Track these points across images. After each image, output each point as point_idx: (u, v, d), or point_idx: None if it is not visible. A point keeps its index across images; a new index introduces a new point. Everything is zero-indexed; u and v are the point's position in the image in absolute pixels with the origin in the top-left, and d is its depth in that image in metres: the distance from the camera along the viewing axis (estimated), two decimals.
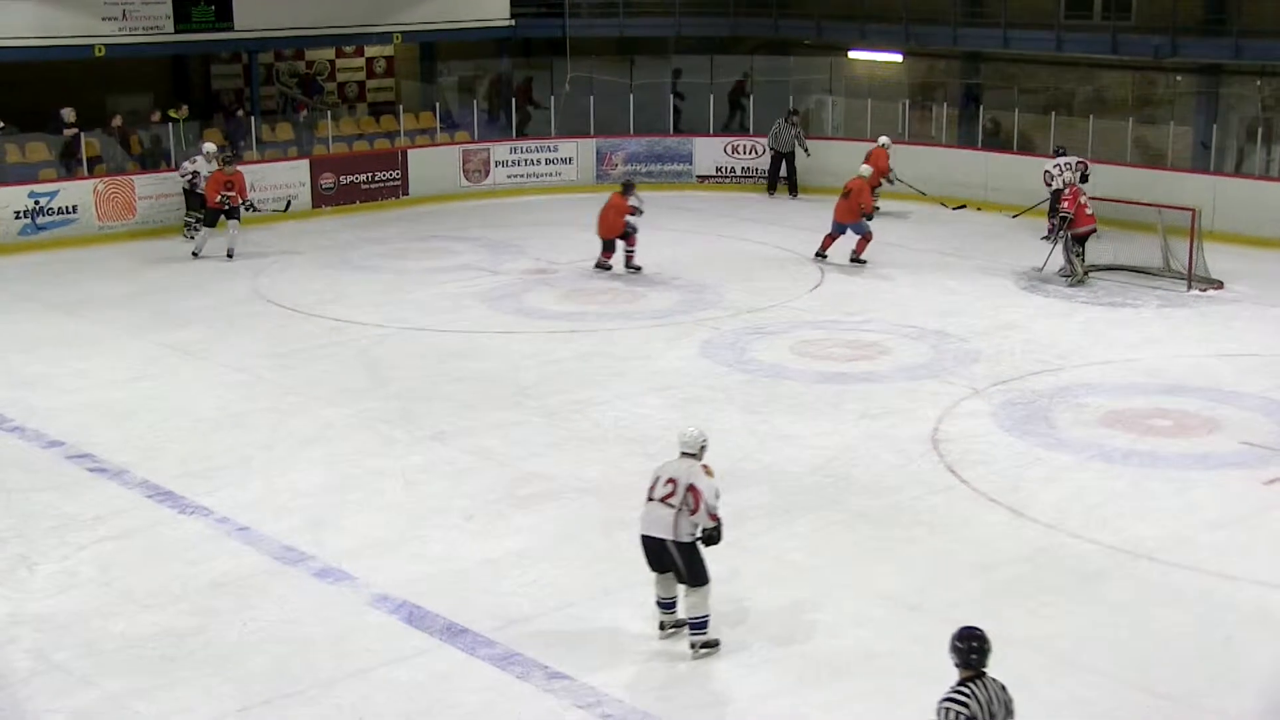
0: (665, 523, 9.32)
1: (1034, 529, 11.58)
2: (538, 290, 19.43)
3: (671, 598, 9.63)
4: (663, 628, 9.72)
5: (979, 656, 6.73)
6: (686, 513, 9.30)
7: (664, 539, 9.34)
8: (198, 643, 9.70)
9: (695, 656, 9.42)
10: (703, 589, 9.38)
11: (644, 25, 30.12)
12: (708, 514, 9.30)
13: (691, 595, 9.43)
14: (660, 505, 9.36)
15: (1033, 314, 18.07)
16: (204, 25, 24.46)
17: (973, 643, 6.74)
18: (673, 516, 9.31)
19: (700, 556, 9.41)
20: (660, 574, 9.56)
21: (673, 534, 9.31)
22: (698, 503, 9.26)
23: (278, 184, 24.05)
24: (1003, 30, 26.13)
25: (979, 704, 6.58)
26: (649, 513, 9.42)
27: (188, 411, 14.50)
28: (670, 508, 9.31)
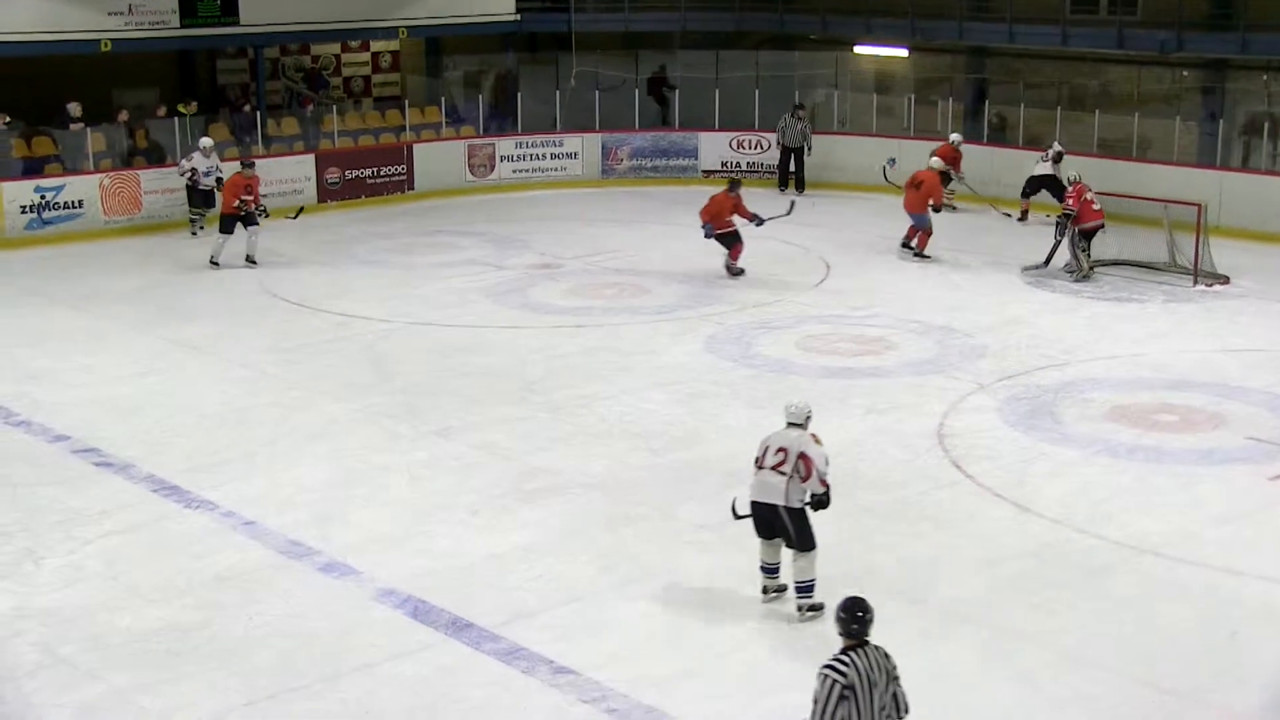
0: (778, 490, 9.73)
1: (1039, 524, 11.58)
2: (543, 285, 19.43)
3: (775, 563, 10.05)
4: (765, 592, 10.12)
5: (860, 626, 6.85)
6: (798, 480, 9.69)
7: (776, 505, 9.75)
8: (203, 637, 9.71)
9: (801, 619, 9.82)
10: (810, 554, 9.80)
11: (649, 20, 30.08)
12: (819, 480, 9.70)
13: (800, 560, 9.83)
14: (772, 473, 9.77)
15: (1038, 309, 18.06)
16: (210, 20, 24.45)
17: (856, 613, 6.87)
18: (784, 484, 9.71)
19: (809, 522, 9.81)
20: (767, 540, 9.98)
21: (784, 500, 9.72)
22: (809, 470, 9.67)
23: (283, 179, 24.05)
24: (1008, 25, 26.08)
25: (858, 672, 6.72)
26: (761, 480, 9.83)
27: (193, 406, 14.51)
28: (782, 475, 9.72)
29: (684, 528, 11.49)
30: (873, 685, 6.75)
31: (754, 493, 9.90)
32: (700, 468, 12.75)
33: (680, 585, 10.41)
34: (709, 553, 11.01)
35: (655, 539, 11.27)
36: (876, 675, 6.79)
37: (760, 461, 9.88)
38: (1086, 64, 26.54)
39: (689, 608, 10.05)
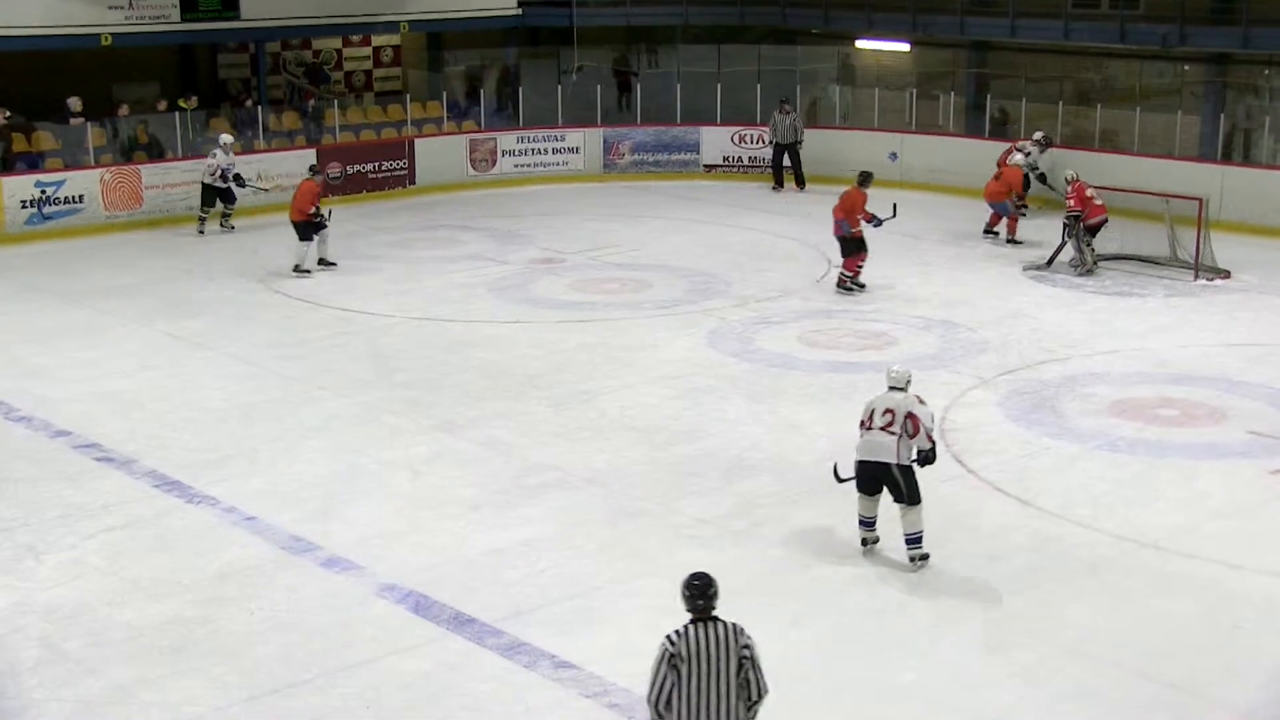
0: (889, 449, 10.44)
1: (1041, 518, 11.58)
2: (545, 280, 19.43)
3: (873, 517, 10.81)
4: (865, 544, 10.87)
5: (701, 601, 6.93)
6: (906, 438, 10.38)
7: (889, 463, 10.46)
8: (205, 632, 9.72)
9: (915, 568, 10.54)
10: (918, 507, 10.53)
11: (651, 14, 30.07)
12: (926, 436, 10.42)
13: (909, 513, 10.56)
14: (882, 433, 10.47)
15: (1040, 303, 18.05)
16: (210, 14, 24.47)
17: (692, 586, 6.97)
18: (895, 443, 10.42)
19: (916, 478, 10.52)
20: (869, 496, 10.71)
21: (895, 458, 10.42)
22: (917, 428, 10.40)
23: (285, 173, 24.02)
24: (1010, 19, 26.07)
25: (689, 644, 6.80)
26: (870, 440, 10.54)
27: (195, 402, 14.52)
28: (892, 435, 10.43)
29: (685, 522, 11.49)
30: (709, 660, 6.80)
31: (862, 453, 10.59)
32: (702, 462, 12.75)
33: (682, 580, 10.39)
34: (710, 547, 11.01)
35: (657, 533, 11.28)
36: (716, 651, 6.82)
37: (868, 423, 10.55)
38: (1088, 58, 26.52)
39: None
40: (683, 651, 6.81)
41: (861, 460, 10.64)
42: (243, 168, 23.03)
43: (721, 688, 6.80)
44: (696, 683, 6.79)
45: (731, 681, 6.82)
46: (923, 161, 25.70)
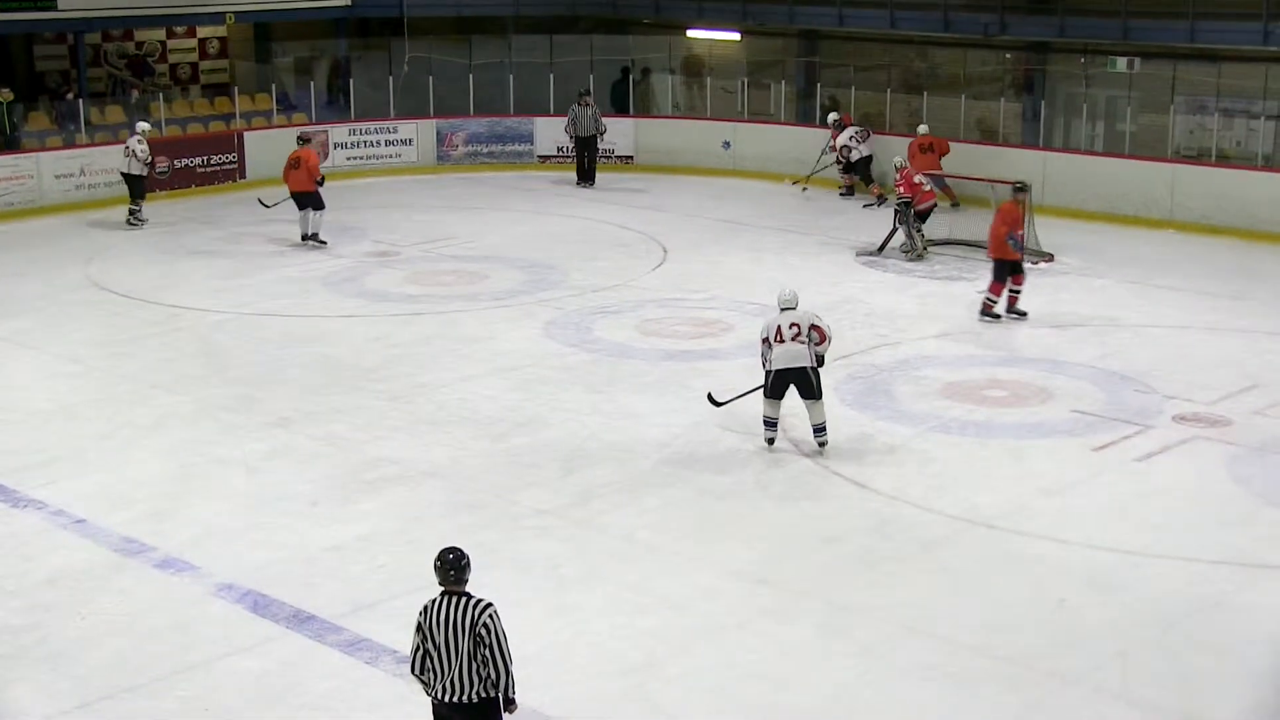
0: (804, 355, 12.37)
1: (877, 500, 11.81)
2: (380, 273, 19.24)
3: (777, 419, 12.65)
4: (771, 442, 12.72)
5: (443, 575, 7.22)
6: (813, 344, 12.36)
7: (805, 366, 12.34)
8: (33, 639, 9.46)
9: (822, 451, 12.61)
10: (822, 401, 12.55)
11: (482, 4, 29.92)
12: (828, 342, 12.56)
13: (816, 407, 12.58)
14: (794, 344, 12.34)
15: (871, 288, 18.38)
16: (24, 5, 23.68)
17: (442, 561, 7.25)
18: (808, 349, 12.37)
19: (819, 376, 12.49)
20: (777, 400, 12.55)
21: (810, 361, 12.35)
22: (823, 336, 12.48)
23: (109, 168, 23.42)
24: (838, 8, 26.45)
25: (433, 616, 7.15)
26: (788, 350, 12.34)
27: (19, 403, 14.10)
28: (803, 343, 12.34)
29: (525, 513, 11.49)
30: (449, 633, 7.10)
31: (781, 362, 12.36)
32: (541, 453, 12.76)
33: (523, 570, 10.42)
34: (550, 537, 11.04)
35: (497, 525, 11.25)
36: (456, 626, 7.11)
37: (779, 338, 12.34)
38: (914, 47, 27.06)
39: (533, 593, 10.06)
40: (428, 622, 7.17)
41: (780, 369, 12.38)
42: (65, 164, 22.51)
43: (459, 659, 7.10)
44: (439, 651, 7.13)
45: (466, 654, 7.09)
46: (755, 150, 25.98)
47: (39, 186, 22.92)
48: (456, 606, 7.14)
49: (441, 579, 7.22)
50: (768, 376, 12.51)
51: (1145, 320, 17.01)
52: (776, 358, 12.36)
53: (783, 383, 12.43)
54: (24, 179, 22.77)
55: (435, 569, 7.24)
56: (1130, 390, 14.40)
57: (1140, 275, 19.07)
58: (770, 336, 12.41)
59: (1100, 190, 22.51)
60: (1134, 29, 22.87)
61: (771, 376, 12.46)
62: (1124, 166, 22.81)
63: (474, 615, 7.11)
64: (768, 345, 12.45)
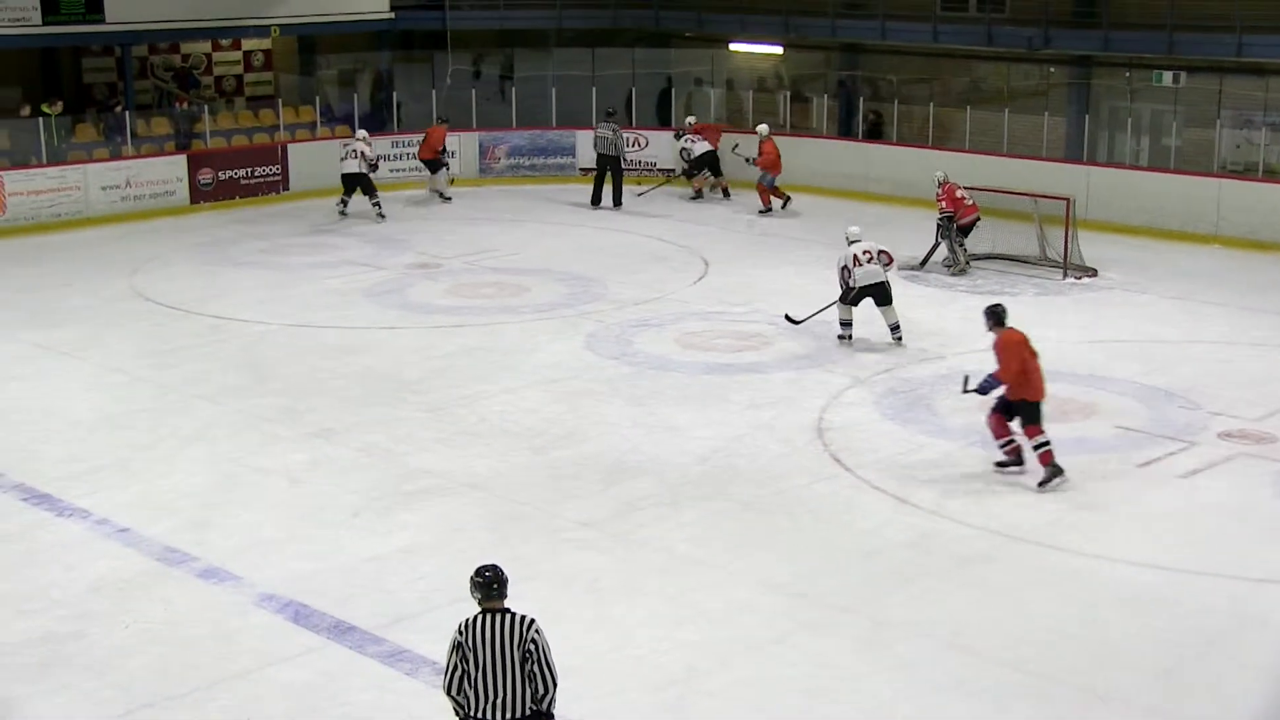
0: (881, 272, 16.02)
1: (917, 514, 11.76)
2: (422, 285, 19.32)
3: (852, 321, 16.31)
4: (849, 339, 16.32)
5: (482, 594, 7.14)
6: (883, 264, 16.05)
7: (884, 281, 16.06)
8: (78, 647, 9.53)
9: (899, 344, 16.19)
10: (893, 304, 16.23)
11: (525, 18, 30.04)
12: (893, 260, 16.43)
13: (890, 311, 16.23)
14: (873, 265, 16.01)
15: (913, 303, 18.28)
16: (74, 17, 23.95)
17: (477, 578, 7.18)
18: (882, 267, 16.05)
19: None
20: (854, 306, 16.20)
21: (885, 277, 16.07)
22: (890, 258, 16.27)
23: (155, 179, 23.65)
24: (880, 22, 26.44)
25: (475, 634, 7.05)
26: (867, 272, 15.98)
27: (63, 413, 14.22)
28: (878, 264, 16.00)
29: (566, 525, 11.50)
30: (494, 651, 7.00)
31: (867, 279, 15.96)
32: (581, 465, 12.77)
33: (563, 583, 10.42)
34: (590, 550, 11.05)
35: (538, 537, 11.27)
36: (502, 644, 7.01)
37: (858, 262, 15.96)
38: (956, 60, 27.00)
39: (573, 606, 10.06)
40: (469, 641, 7.04)
41: (864, 285, 15.96)
42: (111, 176, 22.79)
43: (506, 677, 7.00)
44: (482, 671, 7.00)
45: (516, 672, 7.01)
46: (797, 164, 25.93)
47: (86, 198, 23.15)
48: (501, 624, 7.04)
49: (483, 596, 7.12)
50: (850, 292, 16.00)
51: (1190, 336, 16.89)
52: (860, 277, 15.92)
53: (862, 295, 15.99)
54: (71, 190, 23.02)
55: (474, 587, 7.14)
56: (1174, 406, 14.29)
57: (1185, 291, 18.94)
58: (849, 264, 15.96)
59: (1145, 205, 22.38)
60: (1180, 43, 22.75)
61: (855, 292, 15.98)
62: (1169, 181, 22.67)
63: (521, 632, 7.02)
64: (847, 271, 15.97)
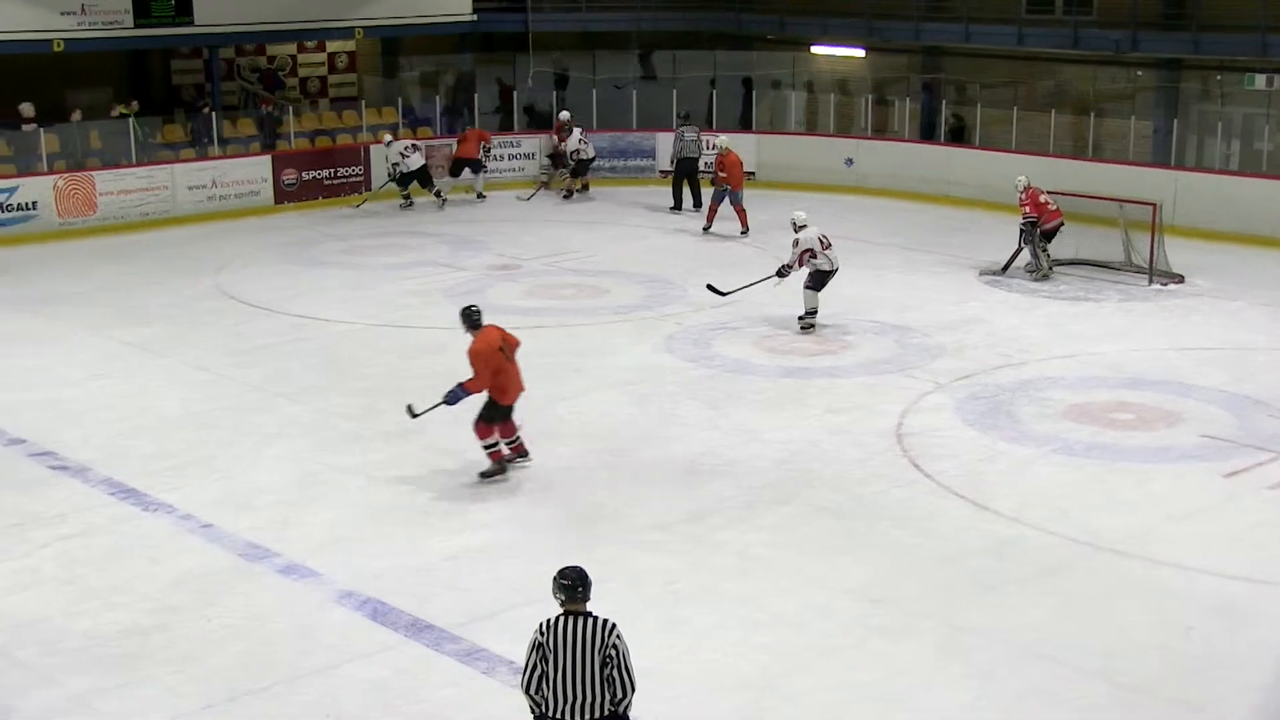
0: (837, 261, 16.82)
1: (997, 521, 11.65)
2: (501, 286, 19.40)
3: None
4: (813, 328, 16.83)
5: (565, 595, 7.11)
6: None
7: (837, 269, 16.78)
8: (161, 641, 9.66)
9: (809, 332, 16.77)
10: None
11: (606, 19, 30.11)
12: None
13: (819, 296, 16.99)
14: (831, 250, 16.75)
15: (995, 308, 18.17)
16: (163, 20, 24.33)
17: (561, 580, 7.14)
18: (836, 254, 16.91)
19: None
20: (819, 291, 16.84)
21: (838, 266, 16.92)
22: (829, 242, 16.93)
23: (240, 180, 23.97)
24: (964, 25, 26.24)
25: (555, 635, 7.02)
26: (832, 256, 16.77)
27: (150, 409, 14.42)
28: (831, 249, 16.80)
29: (641, 527, 11.50)
30: (574, 653, 6.97)
31: (831, 265, 16.74)
32: (658, 467, 12.77)
33: (638, 584, 10.42)
34: (666, 552, 11.04)
35: (613, 539, 11.27)
36: (581, 645, 6.99)
37: (825, 244, 16.67)
38: (1042, 64, 26.73)
39: (647, 608, 10.06)
40: (549, 642, 7.01)
41: (830, 270, 16.69)
42: (198, 176, 23.15)
43: (585, 680, 6.97)
44: (561, 673, 6.97)
45: (596, 675, 6.98)
46: (878, 167, 25.82)
47: (173, 197, 23.49)
48: (581, 627, 7.02)
49: (567, 598, 7.10)
50: (816, 275, 16.65)
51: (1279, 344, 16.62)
52: (825, 260, 16.62)
53: (827, 279, 16.63)
54: (159, 190, 23.38)
55: (558, 588, 7.11)
56: (1263, 415, 14.05)
57: (1275, 298, 18.62)
58: (815, 248, 16.47)
59: (1234, 210, 22.01)
60: (1273, 45, 22.37)
61: (822, 275, 16.63)
62: (1260, 186, 22.28)
63: (603, 636, 7.00)
64: (812, 255, 16.52)
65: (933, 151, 25.68)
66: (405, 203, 24.76)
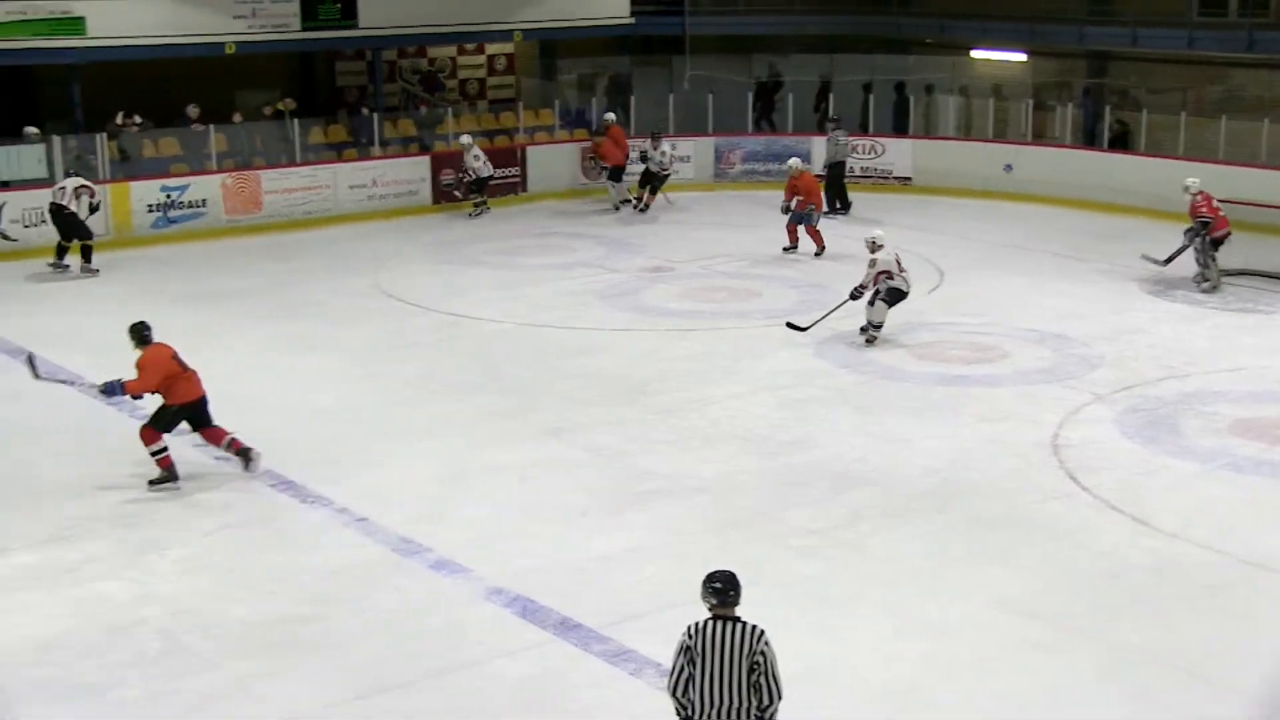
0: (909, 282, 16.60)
1: (1157, 538, 11.36)
2: (655, 288, 19.45)
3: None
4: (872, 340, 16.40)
5: (716, 599, 7.08)
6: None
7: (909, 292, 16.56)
8: (317, 630, 9.85)
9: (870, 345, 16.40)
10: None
11: (763, 23, 30.02)
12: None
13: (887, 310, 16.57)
14: (905, 273, 16.47)
15: (1158, 318, 17.72)
16: (329, 23, 24.85)
17: (712, 584, 7.11)
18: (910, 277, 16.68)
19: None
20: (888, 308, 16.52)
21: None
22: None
23: (399, 179, 24.37)
24: (1131, 28, 25.65)
25: (704, 639, 6.98)
26: (906, 278, 16.48)
27: (309, 403, 14.72)
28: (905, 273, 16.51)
29: (791, 532, 11.43)
30: (722, 658, 6.93)
31: (905, 286, 16.46)
32: (809, 472, 12.69)
33: (787, 589, 10.36)
34: (815, 557, 10.96)
35: (763, 543, 11.23)
36: (729, 650, 6.95)
37: (900, 267, 16.37)
38: (1213, 68, 26.00)
39: (795, 613, 9.99)
40: (697, 645, 6.99)
41: (901, 290, 16.39)
42: (358, 175, 23.63)
43: (732, 685, 6.94)
44: (708, 677, 6.95)
45: (743, 681, 6.94)
46: (1038, 173, 25.36)
47: (334, 196, 23.98)
48: (730, 632, 6.98)
49: (717, 602, 7.06)
50: (893, 293, 16.29)
51: None
52: (903, 282, 16.37)
53: (899, 297, 16.35)
54: (321, 189, 23.88)
55: (708, 592, 7.07)
56: None
57: None
58: (891, 269, 16.23)
59: None
60: None
61: (897, 294, 16.31)
62: None
63: (751, 643, 6.97)
64: (888, 276, 16.20)
65: (1095, 158, 25.13)
66: (476, 211, 24.26)
